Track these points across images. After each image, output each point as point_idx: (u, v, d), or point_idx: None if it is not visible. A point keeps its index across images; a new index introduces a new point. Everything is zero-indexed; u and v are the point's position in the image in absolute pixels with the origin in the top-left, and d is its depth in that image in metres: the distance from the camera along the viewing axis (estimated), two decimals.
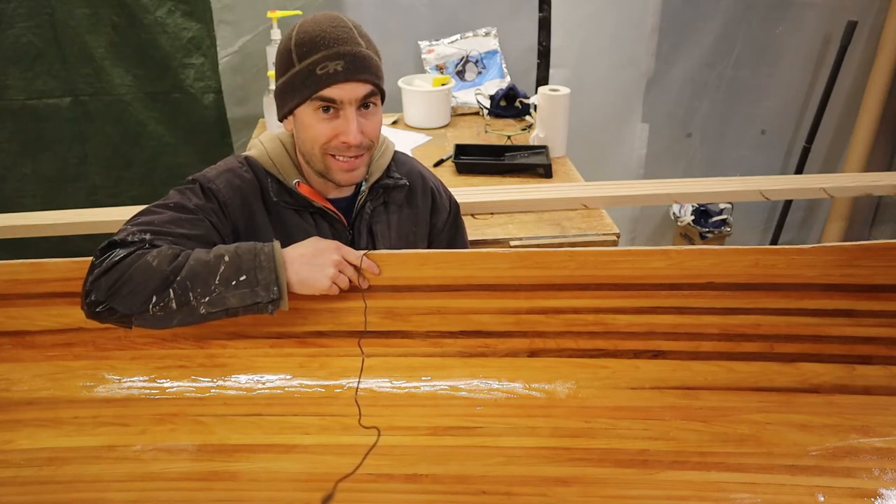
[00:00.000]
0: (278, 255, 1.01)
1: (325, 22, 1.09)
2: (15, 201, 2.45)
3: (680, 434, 1.09)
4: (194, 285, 0.98)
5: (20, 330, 1.14)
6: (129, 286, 0.98)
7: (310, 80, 1.07)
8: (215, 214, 1.11)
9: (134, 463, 1.07)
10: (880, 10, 2.72)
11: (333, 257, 1.04)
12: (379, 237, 1.24)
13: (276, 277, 0.99)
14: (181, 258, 1.00)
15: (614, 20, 2.58)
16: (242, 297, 0.99)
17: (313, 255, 1.04)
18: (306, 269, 1.02)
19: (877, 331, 1.13)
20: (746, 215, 3.08)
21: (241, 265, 0.99)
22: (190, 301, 0.98)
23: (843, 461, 1.05)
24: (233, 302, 0.99)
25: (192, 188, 1.12)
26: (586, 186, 1.90)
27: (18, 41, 2.25)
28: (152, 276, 0.98)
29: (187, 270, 0.98)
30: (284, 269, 1.01)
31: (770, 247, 1.11)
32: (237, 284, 0.98)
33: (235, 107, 2.43)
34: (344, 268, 1.05)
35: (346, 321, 1.13)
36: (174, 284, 0.97)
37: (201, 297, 0.98)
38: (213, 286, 0.98)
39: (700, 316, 1.12)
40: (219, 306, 0.99)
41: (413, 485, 1.03)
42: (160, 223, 1.06)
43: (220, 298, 0.98)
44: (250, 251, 1.01)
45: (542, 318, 1.13)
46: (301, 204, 1.18)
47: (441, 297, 1.12)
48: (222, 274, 0.98)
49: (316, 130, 1.10)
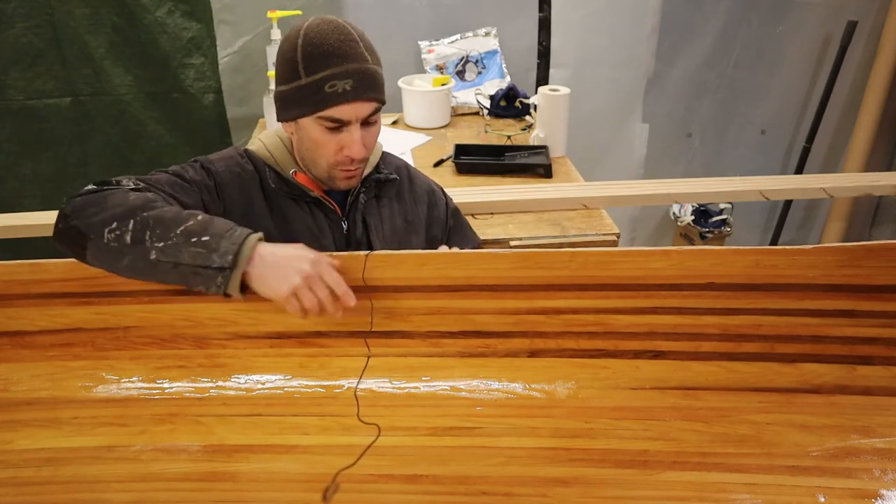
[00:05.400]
0: (251, 240, 0.95)
1: (332, 34, 1.08)
2: (15, 201, 2.45)
3: (680, 434, 1.08)
4: (155, 226, 0.94)
5: (19, 330, 1.14)
6: (97, 207, 0.97)
7: (317, 96, 1.08)
8: (209, 192, 1.13)
9: (133, 463, 1.07)
10: (880, 10, 2.71)
11: (305, 268, 0.94)
12: (372, 229, 1.25)
13: (236, 252, 0.92)
14: (157, 202, 0.98)
15: (614, 20, 2.58)
16: (195, 255, 0.92)
17: (286, 258, 0.95)
18: (271, 268, 0.94)
19: (878, 331, 1.12)
20: (746, 215, 3.08)
21: (210, 229, 0.94)
22: (144, 240, 0.93)
23: (844, 462, 1.05)
24: (185, 257, 0.93)
25: (193, 165, 1.16)
26: (586, 186, 1.90)
27: (18, 41, 2.25)
28: (121, 204, 0.97)
29: (156, 212, 0.96)
30: (252, 256, 0.94)
31: (771, 247, 1.11)
32: (196, 242, 0.92)
33: (235, 107, 2.43)
34: (315, 284, 0.94)
35: (347, 321, 1.12)
36: (137, 217, 0.95)
37: (157, 240, 0.93)
38: (173, 235, 0.93)
39: (700, 316, 1.12)
40: (170, 257, 0.93)
41: (413, 485, 1.03)
42: (156, 181, 1.08)
43: (175, 249, 0.93)
44: (226, 223, 0.97)
45: (542, 319, 1.13)
46: (298, 193, 1.20)
47: (441, 298, 1.12)
48: (188, 227, 0.94)
49: (322, 146, 1.13)
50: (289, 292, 0.93)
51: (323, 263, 0.97)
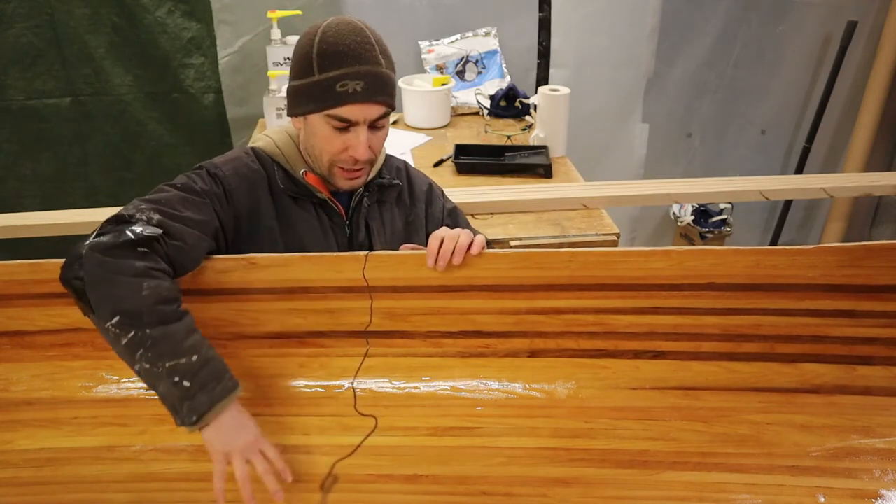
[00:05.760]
0: (224, 403, 0.97)
1: (349, 35, 1.09)
2: (15, 201, 2.45)
3: (680, 434, 1.09)
4: (149, 349, 0.94)
5: (19, 330, 1.14)
6: (107, 285, 0.95)
7: (328, 94, 1.09)
8: (219, 201, 1.12)
9: (133, 463, 1.07)
10: (880, 10, 2.71)
11: (248, 438, 0.98)
12: (375, 233, 1.25)
13: (205, 411, 0.95)
14: (167, 312, 0.97)
15: (614, 20, 2.58)
16: (170, 392, 0.95)
17: (239, 426, 0.98)
18: (223, 431, 0.97)
19: (878, 331, 1.12)
20: (746, 215, 3.07)
21: (196, 376, 0.96)
22: (135, 355, 0.95)
23: (844, 462, 1.05)
24: (160, 389, 0.96)
25: (199, 173, 1.14)
26: (586, 186, 1.90)
27: (18, 41, 2.25)
28: (131, 302, 0.95)
29: (159, 332, 0.95)
30: (218, 413, 0.97)
31: (771, 247, 1.11)
32: (177, 383, 0.94)
33: (235, 107, 2.43)
34: (252, 456, 0.98)
35: (347, 321, 1.13)
36: (139, 330, 0.94)
37: (145, 362, 0.95)
38: (160, 365, 0.95)
39: (701, 316, 1.12)
40: (149, 380, 0.96)
41: (413, 485, 1.03)
42: (167, 202, 1.05)
43: (155, 378, 0.95)
44: (216, 374, 0.98)
45: (542, 319, 1.13)
46: (304, 193, 1.20)
47: (441, 298, 1.12)
48: (178, 364, 0.95)
49: (327, 143, 1.13)
50: (221, 454, 0.97)
51: (264, 442, 1.00)
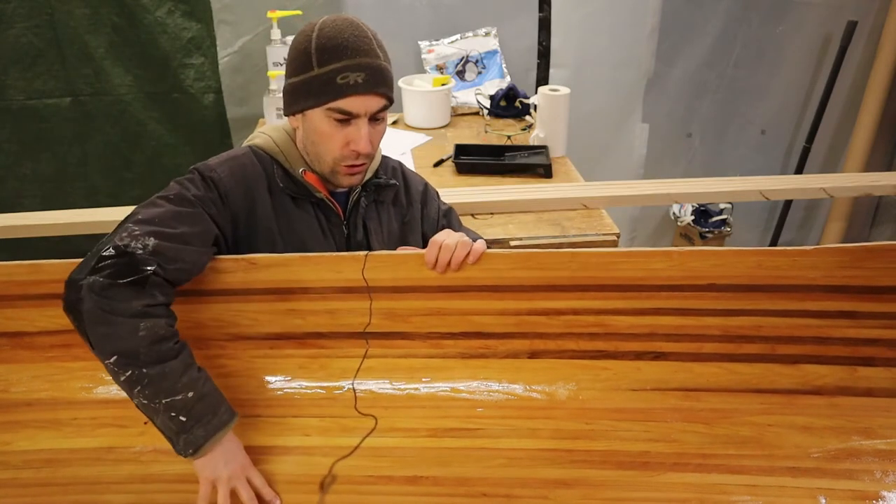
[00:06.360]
0: (219, 435, 0.99)
1: (347, 29, 1.09)
2: (15, 201, 2.45)
3: (681, 436, 1.08)
4: (146, 386, 0.96)
5: (19, 331, 1.14)
6: (106, 329, 0.95)
7: (329, 87, 1.08)
8: (214, 205, 1.10)
9: (133, 464, 1.07)
10: (880, 10, 2.71)
11: (235, 467, 1.00)
12: (372, 232, 1.25)
13: (201, 444, 0.98)
14: (163, 350, 0.97)
15: (614, 20, 2.58)
16: (167, 426, 0.98)
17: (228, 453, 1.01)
18: (213, 459, 0.99)
19: (879, 332, 1.12)
20: (746, 215, 3.07)
21: (193, 410, 0.98)
22: (133, 390, 0.97)
23: (845, 463, 1.05)
24: (158, 422, 0.98)
25: (192, 178, 1.11)
26: (586, 186, 1.89)
27: (18, 41, 2.25)
28: (127, 342, 0.95)
29: (156, 371, 0.96)
30: (213, 444, 0.99)
31: (772, 248, 1.11)
32: (174, 418, 0.97)
33: (235, 107, 2.43)
34: (238, 485, 1.00)
35: (346, 322, 1.13)
36: (136, 369, 0.95)
37: (143, 398, 0.97)
38: (157, 402, 0.96)
39: (702, 317, 1.12)
40: (147, 413, 0.99)
41: (413, 486, 1.03)
42: (161, 220, 1.03)
43: (153, 412, 0.97)
44: (211, 408, 1.00)
45: (542, 320, 1.13)
46: (303, 193, 1.19)
47: (441, 298, 1.11)
48: (174, 401, 0.97)
49: (329, 139, 1.13)
50: (209, 480, 1.00)
51: (252, 470, 1.03)
